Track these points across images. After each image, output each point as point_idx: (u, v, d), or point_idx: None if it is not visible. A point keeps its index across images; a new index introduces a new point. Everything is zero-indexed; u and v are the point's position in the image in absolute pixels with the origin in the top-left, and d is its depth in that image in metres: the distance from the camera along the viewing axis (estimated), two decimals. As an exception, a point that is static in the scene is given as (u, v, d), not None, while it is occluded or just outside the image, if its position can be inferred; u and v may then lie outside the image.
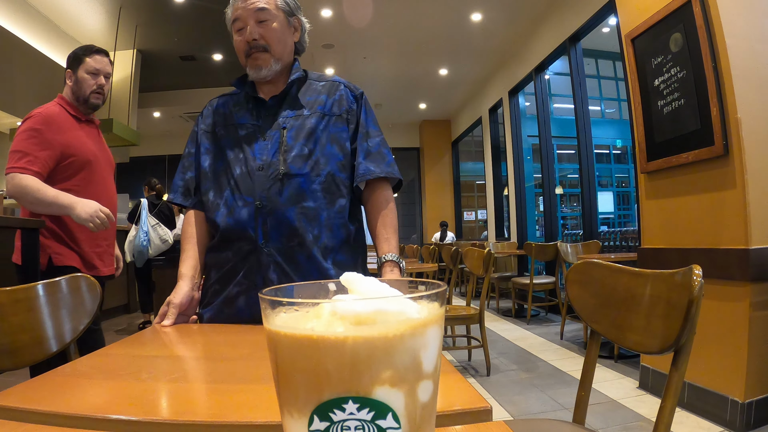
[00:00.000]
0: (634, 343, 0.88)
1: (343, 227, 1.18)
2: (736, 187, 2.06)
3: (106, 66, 1.82)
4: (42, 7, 6.65)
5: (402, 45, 6.24)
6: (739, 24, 2.12)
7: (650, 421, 2.13)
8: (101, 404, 0.54)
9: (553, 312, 5.19)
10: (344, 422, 0.25)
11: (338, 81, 1.29)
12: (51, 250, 1.68)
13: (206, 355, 0.85)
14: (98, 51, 1.81)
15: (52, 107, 1.75)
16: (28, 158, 1.60)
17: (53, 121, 1.69)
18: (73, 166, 1.70)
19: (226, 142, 1.20)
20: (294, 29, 1.25)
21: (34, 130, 1.65)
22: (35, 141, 1.63)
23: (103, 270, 1.81)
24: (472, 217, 10.87)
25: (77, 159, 1.71)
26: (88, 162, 1.75)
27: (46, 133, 1.65)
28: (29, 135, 1.64)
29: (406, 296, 0.28)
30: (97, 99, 1.81)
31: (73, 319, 0.98)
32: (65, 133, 1.70)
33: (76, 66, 1.79)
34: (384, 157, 1.23)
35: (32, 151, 1.62)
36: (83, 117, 1.81)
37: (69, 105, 1.80)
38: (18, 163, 1.60)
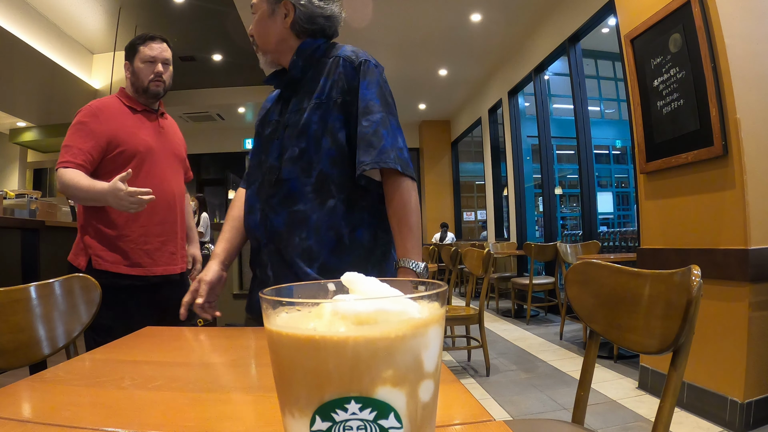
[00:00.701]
0: (633, 343, 0.88)
1: (331, 230, 1.09)
2: (735, 188, 2.06)
3: (164, 52, 1.71)
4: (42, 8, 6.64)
5: (402, 45, 6.23)
6: (738, 24, 2.12)
7: (649, 421, 2.13)
8: (74, 413, 0.51)
9: (552, 312, 5.20)
10: (346, 422, 0.26)
11: (340, 55, 1.13)
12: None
13: (193, 360, 0.82)
14: (153, 38, 1.71)
15: (105, 99, 1.69)
16: (72, 151, 1.55)
17: (101, 112, 1.62)
18: (121, 158, 1.61)
19: (260, 140, 1.23)
20: (284, 14, 1.15)
21: (79, 123, 1.59)
22: (80, 133, 1.57)
23: (154, 269, 1.66)
24: (471, 218, 10.86)
25: (126, 150, 1.61)
26: (139, 153, 1.63)
27: (91, 124, 1.59)
28: (75, 128, 1.59)
29: (407, 296, 0.28)
30: (158, 86, 1.70)
31: (67, 322, 0.98)
32: (112, 123, 1.62)
33: (132, 56, 1.71)
34: (380, 139, 1.05)
35: (76, 143, 1.56)
36: (140, 107, 1.71)
37: (126, 97, 1.72)
38: (63, 158, 1.55)
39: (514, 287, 5.06)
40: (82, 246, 1.61)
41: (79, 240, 1.63)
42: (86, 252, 1.59)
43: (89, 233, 1.60)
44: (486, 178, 8.08)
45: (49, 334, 0.95)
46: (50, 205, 4.92)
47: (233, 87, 8.81)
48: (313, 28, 1.16)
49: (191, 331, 1.05)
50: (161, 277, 1.67)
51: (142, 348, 0.87)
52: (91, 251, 1.58)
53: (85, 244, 1.60)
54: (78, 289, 1.02)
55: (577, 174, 4.85)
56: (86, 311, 1.01)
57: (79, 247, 1.63)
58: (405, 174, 1.06)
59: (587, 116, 4.82)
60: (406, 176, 1.07)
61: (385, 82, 1.13)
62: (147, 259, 1.64)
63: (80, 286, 1.02)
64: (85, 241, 1.60)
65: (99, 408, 0.54)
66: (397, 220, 1.07)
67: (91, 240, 1.59)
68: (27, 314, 0.94)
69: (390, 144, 1.05)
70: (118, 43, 7.41)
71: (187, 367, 0.76)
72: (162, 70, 1.70)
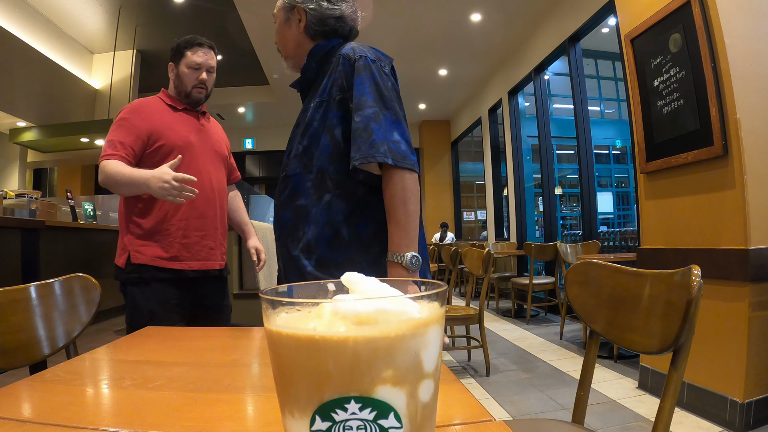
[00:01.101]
0: (633, 343, 0.88)
1: (327, 224, 1.11)
2: (735, 188, 2.06)
3: (209, 60, 1.72)
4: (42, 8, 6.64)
5: (402, 45, 6.24)
6: (738, 24, 2.12)
7: (649, 421, 2.13)
8: (74, 413, 0.51)
9: (552, 312, 5.20)
10: (346, 422, 0.26)
11: (341, 53, 1.15)
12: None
13: (194, 360, 0.82)
14: (201, 44, 1.71)
15: (147, 98, 1.71)
16: (114, 145, 1.56)
17: (142, 109, 1.64)
18: (160, 152, 1.61)
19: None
20: (298, 20, 1.22)
21: (121, 119, 1.61)
22: (121, 129, 1.59)
23: (192, 263, 1.63)
24: (471, 218, 10.86)
25: (165, 144, 1.62)
26: (178, 147, 1.62)
27: (132, 119, 1.60)
28: (117, 125, 1.61)
29: (407, 296, 0.28)
30: (200, 93, 1.72)
31: (67, 322, 0.98)
32: (153, 119, 1.63)
33: (177, 60, 1.70)
34: (370, 134, 1.05)
35: (117, 137, 1.57)
36: (180, 106, 1.72)
37: (168, 97, 1.73)
38: (105, 152, 1.56)
39: (514, 287, 5.06)
40: (123, 245, 1.62)
41: (120, 241, 1.64)
42: (125, 250, 1.60)
43: (129, 231, 1.61)
44: (486, 178, 8.08)
45: (49, 334, 0.95)
46: (50, 205, 4.93)
47: (233, 87, 8.82)
48: (325, 29, 1.21)
49: (191, 331, 1.06)
50: (199, 272, 1.65)
51: (142, 348, 0.87)
52: (131, 248, 1.59)
53: (125, 243, 1.61)
54: (78, 289, 1.02)
55: (577, 174, 4.85)
56: (86, 311, 1.01)
57: (120, 248, 1.64)
58: (398, 166, 1.05)
59: (587, 116, 4.82)
60: (400, 168, 1.06)
61: (386, 76, 1.13)
62: (185, 253, 1.62)
63: (80, 286, 1.02)
64: (125, 241, 1.61)
65: (99, 408, 0.54)
66: (387, 213, 1.08)
67: (130, 237, 1.60)
68: (27, 314, 0.94)
69: (381, 138, 1.04)
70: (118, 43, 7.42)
71: (187, 367, 0.76)
72: (206, 78, 1.71)
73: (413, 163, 1.08)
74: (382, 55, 1.18)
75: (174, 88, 1.73)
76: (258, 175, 11.46)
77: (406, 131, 1.10)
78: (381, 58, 1.16)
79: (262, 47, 6.30)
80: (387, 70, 1.15)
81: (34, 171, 9.10)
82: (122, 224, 1.64)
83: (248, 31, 5.82)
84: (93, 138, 7.36)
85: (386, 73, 1.14)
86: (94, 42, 7.76)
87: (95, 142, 7.53)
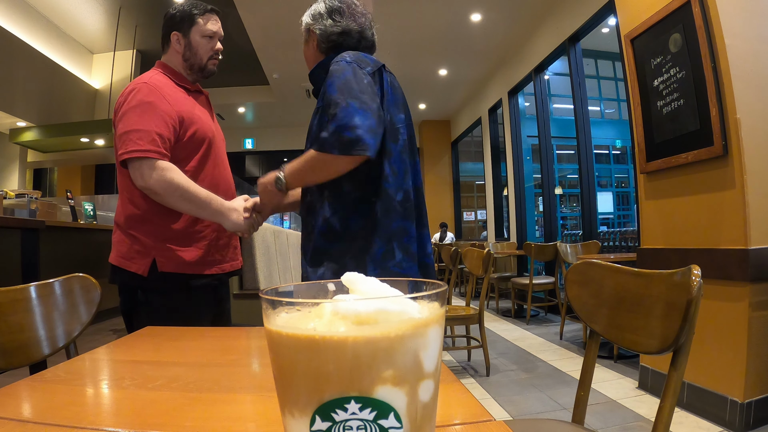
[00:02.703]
0: (633, 343, 0.88)
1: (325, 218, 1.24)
2: (735, 188, 2.06)
3: (221, 28, 1.54)
4: (42, 8, 6.64)
5: (402, 45, 6.24)
6: (739, 24, 2.12)
7: (649, 421, 2.13)
8: (74, 413, 0.51)
9: (552, 312, 5.20)
10: (346, 422, 0.26)
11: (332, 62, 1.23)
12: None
13: (193, 360, 0.82)
14: (212, 10, 1.52)
15: (156, 76, 1.43)
16: (151, 137, 1.30)
17: (162, 90, 1.38)
18: (191, 145, 1.42)
19: None
20: (312, 40, 1.37)
21: (146, 103, 1.33)
22: (151, 115, 1.32)
23: (224, 266, 1.50)
24: (471, 218, 10.87)
25: (197, 132, 1.43)
26: (207, 139, 1.46)
27: (160, 104, 1.34)
28: (143, 109, 1.32)
29: (407, 296, 0.28)
30: (215, 65, 1.54)
31: (67, 322, 0.98)
32: (177, 101, 1.41)
33: (187, 27, 1.48)
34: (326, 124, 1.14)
35: (154, 127, 1.31)
36: (191, 87, 1.52)
37: (174, 74, 1.48)
38: (141, 145, 1.28)
39: (514, 287, 5.06)
40: (138, 247, 1.36)
41: (125, 239, 1.39)
42: (147, 254, 1.36)
43: (150, 233, 1.37)
44: (486, 178, 8.09)
45: (49, 334, 0.95)
46: (50, 205, 4.93)
47: (233, 87, 8.82)
48: (329, 45, 1.34)
49: (191, 331, 1.06)
50: (229, 274, 1.53)
51: (142, 348, 0.87)
52: (156, 253, 1.35)
53: (143, 245, 1.36)
54: (78, 289, 1.02)
55: (577, 174, 4.85)
56: (86, 311, 1.01)
57: (130, 248, 1.37)
58: (321, 150, 1.14)
59: (587, 116, 4.82)
60: (322, 152, 1.14)
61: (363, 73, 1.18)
62: (218, 256, 1.48)
63: (80, 286, 1.02)
64: (142, 242, 1.36)
65: (99, 408, 0.54)
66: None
67: (155, 241, 1.36)
68: (27, 314, 0.94)
69: (334, 126, 1.11)
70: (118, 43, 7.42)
71: (187, 367, 0.76)
72: (221, 48, 1.54)
73: (360, 148, 1.10)
74: (368, 59, 1.24)
75: (183, 61, 1.50)
76: (258, 175, 11.38)
77: (370, 117, 1.12)
78: (362, 60, 1.21)
79: (262, 47, 6.30)
80: (367, 70, 1.20)
81: (34, 171, 9.10)
82: (131, 219, 1.38)
83: (248, 31, 5.82)
84: (93, 138, 7.36)
85: (365, 71, 1.19)
86: (94, 42, 7.76)
87: (95, 142, 7.53)
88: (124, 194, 1.40)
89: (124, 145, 1.30)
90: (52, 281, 0.99)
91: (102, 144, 7.54)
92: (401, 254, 1.21)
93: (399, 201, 1.23)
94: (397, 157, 1.25)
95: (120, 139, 1.32)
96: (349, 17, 1.33)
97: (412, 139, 1.35)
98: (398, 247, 1.21)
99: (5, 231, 2.85)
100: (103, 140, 7.41)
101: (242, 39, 6.18)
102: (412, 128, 1.36)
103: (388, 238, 1.21)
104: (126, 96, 1.36)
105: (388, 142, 1.22)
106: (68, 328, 0.98)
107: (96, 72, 8.13)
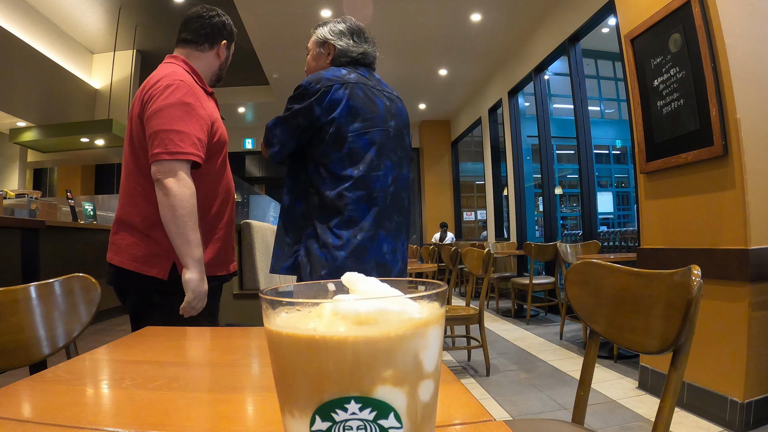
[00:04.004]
0: (633, 343, 0.88)
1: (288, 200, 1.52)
2: (735, 188, 2.06)
3: None
4: (42, 8, 6.64)
5: (402, 45, 6.23)
6: (739, 24, 2.12)
7: (649, 421, 2.13)
8: (74, 413, 0.51)
9: (552, 312, 5.20)
10: (346, 422, 0.26)
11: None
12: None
13: (193, 360, 0.82)
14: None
15: (187, 75, 1.39)
16: (192, 141, 1.28)
17: (197, 92, 1.37)
18: (216, 147, 1.42)
19: None
20: (328, 53, 1.54)
21: (185, 104, 1.30)
22: (192, 118, 1.30)
23: (231, 267, 1.52)
24: (471, 218, 10.86)
25: (220, 139, 1.44)
26: (226, 142, 1.49)
27: (197, 108, 1.33)
28: (183, 111, 1.29)
29: (407, 296, 0.28)
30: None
31: (67, 322, 0.98)
32: (209, 109, 1.41)
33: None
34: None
35: (194, 131, 1.29)
36: (209, 89, 1.51)
37: (196, 74, 1.45)
38: (185, 147, 1.26)
39: (514, 287, 5.06)
40: (157, 251, 1.32)
41: (140, 242, 1.33)
42: (167, 257, 1.32)
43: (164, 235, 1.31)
44: (486, 178, 8.08)
45: (49, 334, 0.95)
46: (50, 205, 4.93)
47: (233, 87, 8.82)
48: (347, 60, 1.53)
49: (191, 331, 1.06)
50: (233, 274, 1.55)
51: (142, 348, 0.86)
52: (175, 256, 1.31)
53: (163, 248, 1.32)
54: (78, 289, 1.02)
55: (577, 174, 4.85)
56: (86, 311, 1.01)
57: (148, 252, 1.33)
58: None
59: (587, 116, 4.82)
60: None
61: (292, 97, 1.44)
62: (225, 257, 1.49)
63: (80, 286, 1.02)
64: (163, 245, 1.31)
65: (99, 408, 0.54)
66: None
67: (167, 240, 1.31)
68: (27, 314, 0.94)
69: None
70: (118, 43, 7.42)
71: (187, 367, 0.76)
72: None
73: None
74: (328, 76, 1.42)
75: (218, 69, 1.54)
76: (258, 175, 11.47)
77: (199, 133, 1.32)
78: (318, 80, 1.41)
79: (262, 47, 6.30)
80: (316, 87, 1.40)
81: (34, 171, 9.10)
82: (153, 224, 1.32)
83: (248, 31, 5.82)
84: (93, 138, 7.36)
85: (294, 95, 1.43)
86: (94, 42, 7.76)
87: (95, 142, 7.53)
88: (140, 193, 1.34)
89: (164, 145, 1.25)
90: (52, 281, 0.98)
91: (102, 144, 7.54)
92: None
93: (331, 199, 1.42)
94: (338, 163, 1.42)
95: (158, 136, 1.26)
96: (366, 41, 1.56)
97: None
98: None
99: (5, 231, 2.85)
100: (103, 140, 7.40)
101: (242, 39, 6.16)
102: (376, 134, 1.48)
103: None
104: (162, 91, 1.30)
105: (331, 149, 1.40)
106: (68, 328, 0.98)
107: (96, 72, 8.13)
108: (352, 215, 1.38)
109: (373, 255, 1.40)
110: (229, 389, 0.61)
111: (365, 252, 1.39)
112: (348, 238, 1.37)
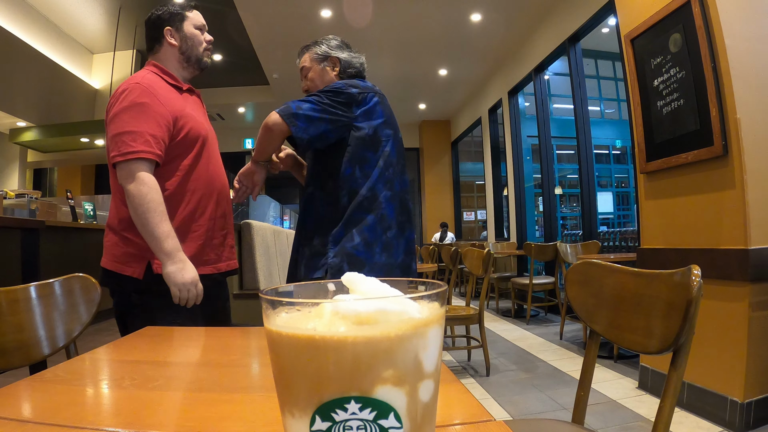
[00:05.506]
0: (633, 343, 0.88)
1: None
2: (735, 188, 2.06)
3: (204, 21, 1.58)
4: (42, 8, 6.64)
5: (402, 45, 6.23)
6: (739, 24, 2.12)
7: (649, 421, 2.13)
8: (74, 413, 0.51)
9: (552, 312, 5.20)
10: (346, 422, 0.26)
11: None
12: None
13: (193, 360, 0.82)
14: (194, 5, 1.56)
15: (148, 76, 1.41)
16: (144, 138, 1.29)
17: (156, 91, 1.37)
18: (185, 143, 1.41)
19: None
20: (333, 66, 1.63)
21: (139, 104, 1.32)
22: (145, 116, 1.31)
23: (220, 265, 1.50)
24: (471, 218, 10.87)
25: (191, 131, 1.42)
26: (201, 137, 1.46)
27: (154, 105, 1.33)
28: (137, 111, 1.31)
29: (407, 296, 0.28)
30: (209, 57, 1.57)
31: (67, 322, 0.98)
32: (170, 101, 1.40)
33: (179, 22, 1.50)
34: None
35: (146, 128, 1.30)
36: (184, 86, 1.51)
37: (165, 73, 1.47)
38: (134, 146, 1.27)
39: (514, 287, 5.06)
40: (132, 251, 1.35)
41: (119, 242, 1.37)
42: (142, 257, 1.34)
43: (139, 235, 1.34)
44: (486, 178, 8.08)
45: (49, 334, 0.95)
46: (50, 205, 4.93)
47: (233, 87, 8.82)
48: (354, 71, 1.65)
49: (191, 331, 1.06)
50: (225, 273, 1.53)
51: (142, 348, 0.86)
52: (152, 255, 1.33)
53: (138, 248, 1.34)
54: (78, 289, 1.02)
55: (577, 174, 4.85)
56: (86, 311, 1.01)
57: (125, 252, 1.36)
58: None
59: (587, 116, 4.81)
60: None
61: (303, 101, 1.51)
62: (213, 255, 1.48)
63: (80, 286, 1.02)
64: (137, 244, 1.34)
65: (99, 408, 0.54)
66: None
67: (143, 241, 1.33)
68: (27, 314, 0.94)
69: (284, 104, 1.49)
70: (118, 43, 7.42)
71: (187, 367, 0.76)
72: (212, 39, 1.57)
73: (289, 123, 1.44)
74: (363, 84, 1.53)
75: (180, 54, 1.50)
76: (258, 175, 11.44)
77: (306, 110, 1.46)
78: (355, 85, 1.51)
79: (262, 47, 6.30)
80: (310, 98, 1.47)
81: (34, 171, 9.10)
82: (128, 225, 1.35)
83: (248, 31, 5.82)
84: (93, 138, 7.36)
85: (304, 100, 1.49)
86: (94, 42, 7.76)
87: (95, 142, 7.53)
88: (117, 196, 1.38)
89: (117, 147, 1.29)
90: (52, 281, 0.98)
91: (102, 144, 7.54)
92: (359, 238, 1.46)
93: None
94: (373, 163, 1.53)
95: (113, 141, 1.31)
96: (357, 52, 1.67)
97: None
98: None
99: (5, 231, 2.85)
100: (103, 140, 7.40)
101: (242, 39, 6.18)
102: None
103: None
104: (117, 97, 1.34)
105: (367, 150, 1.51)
106: (68, 328, 0.98)
107: (96, 72, 8.13)
108: (384, 213, 1.49)
109: (399, 252, 1.52)
110: (229, 389, 0.61)
111: (393, 248, 1.50)
112: (380, 235, 1.48)
